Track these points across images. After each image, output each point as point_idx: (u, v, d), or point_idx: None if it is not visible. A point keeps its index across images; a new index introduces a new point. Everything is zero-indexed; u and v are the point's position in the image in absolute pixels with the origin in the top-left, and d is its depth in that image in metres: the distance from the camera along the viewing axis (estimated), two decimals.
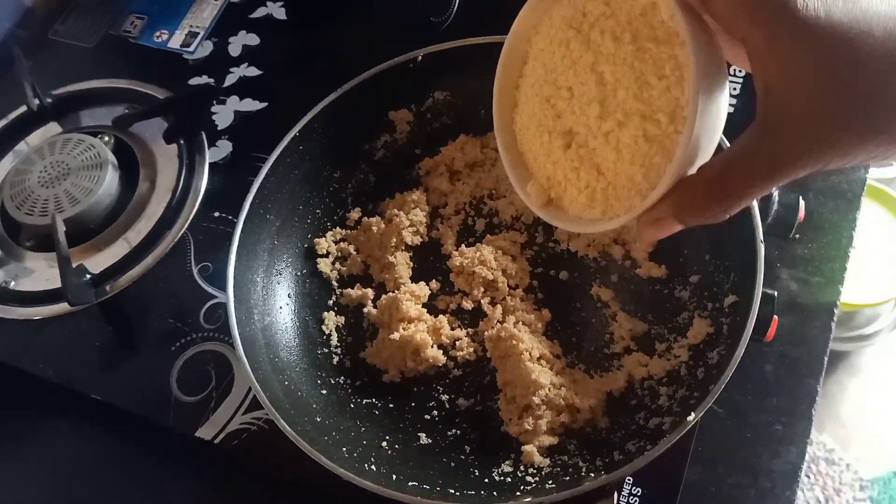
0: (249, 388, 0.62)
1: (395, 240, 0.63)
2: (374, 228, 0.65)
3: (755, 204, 0.54)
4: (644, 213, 0.35)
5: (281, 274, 0.63)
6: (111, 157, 0.76)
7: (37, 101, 0.81)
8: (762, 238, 0.52)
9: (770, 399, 0.64)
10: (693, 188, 0.33)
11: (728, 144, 0.50)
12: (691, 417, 0.47)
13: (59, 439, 0.67)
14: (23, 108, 0.82)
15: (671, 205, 0.34)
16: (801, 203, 0.66)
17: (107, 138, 0.78)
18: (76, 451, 0.66)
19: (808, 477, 1.27)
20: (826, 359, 0.66)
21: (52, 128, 0.83)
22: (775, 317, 0.58)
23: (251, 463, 0.60)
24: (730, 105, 0.67)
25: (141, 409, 0.63)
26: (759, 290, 0.50)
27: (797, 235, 0.69)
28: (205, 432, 0.61)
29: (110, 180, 0.74)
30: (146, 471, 0.64)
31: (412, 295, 0.61)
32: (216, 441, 0.60)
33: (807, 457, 0.60)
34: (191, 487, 0.63)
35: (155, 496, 0.63)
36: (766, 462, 0.61)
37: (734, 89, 0.71)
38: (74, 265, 0.69)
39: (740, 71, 0.72)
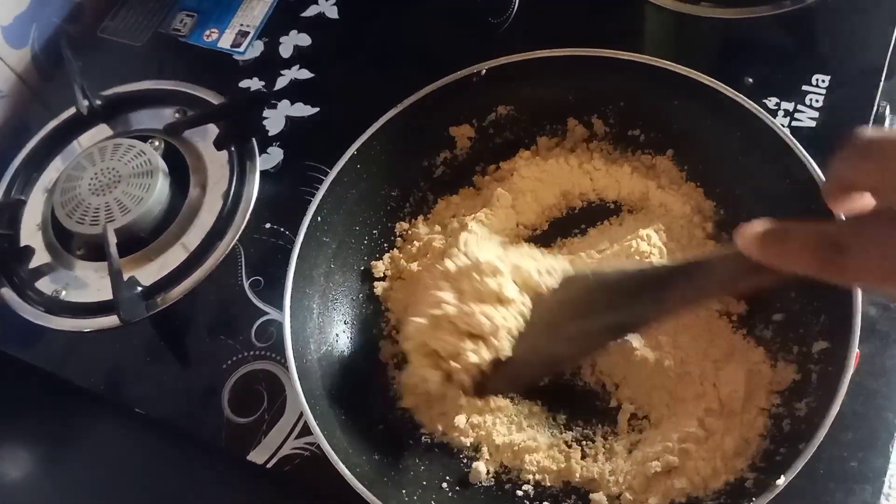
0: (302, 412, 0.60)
1: None
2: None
3: None
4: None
5: (337, 300, 0.61)
6: (162, 164, 0.74)
7: (86, 104, 0.80)
8: None
9: (845, 433, 0.60)
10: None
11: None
12: (781, 481, 0.44)
13: (104, 448, 0.66)
14: (73, 110, 0.81)
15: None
16: None
17: (157, 143, 0.76)
18: (120, 459, 0.65)
19: None
20: None
21: (103, 129, 0.81)
22: (857, 350, 0.54)
23: (303, 490, 0.59)
24: (812, 119, 0.65)
25: (193, 428, 0.62)
26: (856, 340, 0.46)
27: None
28: (257, 456, 0.59)
29: (161, 188, 0.72)
30: (189, 482, 0.63)
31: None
32: (269, 466, 0.59)
33: None
34: (240, 502, 0.62)
35: None
36: (840, 500, 0.58)
37: (816, 101, 0.66)
38: (126, 277, 0.68)
39: (823, 81, 0.67)
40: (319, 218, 0.59)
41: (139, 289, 0.68)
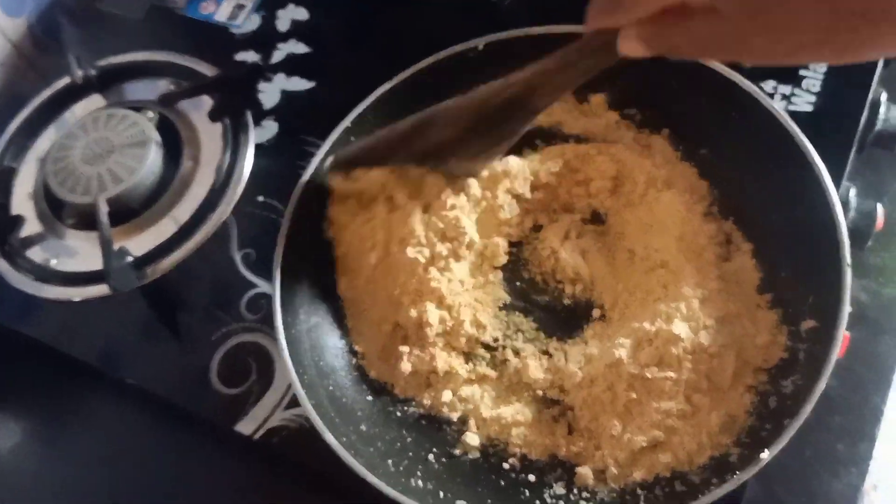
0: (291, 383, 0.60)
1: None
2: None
3: (843, 221, 0.50)
4: None
5: (328, 272, 0.61)
6: (155, 135, 0.73)
7: (81, 73, 0.79)
8: (849, 261, 0.48)
9: (833, 417, 0.61)
10: None
11: None
12: (765, 455, 0.44)
13: (93, 418, 0.67)
14: (67, 79, 0.80)
15: None
16: (880, 210, 0.62)
17: (150, 114, 0.76)
18: (108, 430, 0.66)
19: None
20: (895, 377, 0.62)
21: (96, 100, 0.81)
22: (846, 333, 0.54)
23: (291, 461, 0.59)
24: (809, 103, 0.65)
25: (181, 399, 0.62)
26: (845, 320, 0.46)
27: (870, 242, 0.65)
28: (245, 427, 0.59)
29: (154, 159, 0.72)
30: (185, 457, 0.63)
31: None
32: (256, 437, 0.59)
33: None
34: (231, 475, 0.62)
35: (195, 484, 0.62)
36: (826, 482, 0.58)
37: (814, 86, 0.66)
38: (116, 247, 0.68)
39: (820, 66, 0.67)
40: (313, 187, 0.59)
41: (130, 258, 0.68)
